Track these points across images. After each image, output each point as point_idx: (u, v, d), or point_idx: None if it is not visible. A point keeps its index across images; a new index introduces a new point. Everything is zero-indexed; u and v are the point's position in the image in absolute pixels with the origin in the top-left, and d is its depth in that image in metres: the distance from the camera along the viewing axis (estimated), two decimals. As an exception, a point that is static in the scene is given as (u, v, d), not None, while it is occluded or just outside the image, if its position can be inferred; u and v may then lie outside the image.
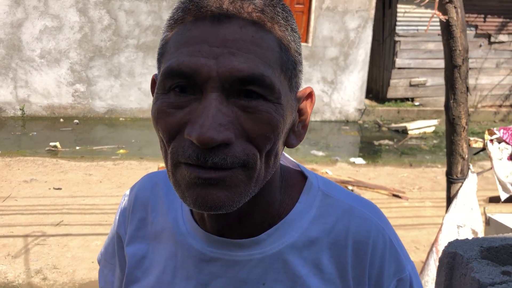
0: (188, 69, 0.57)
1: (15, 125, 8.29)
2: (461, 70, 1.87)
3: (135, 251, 0.78)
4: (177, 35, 0.60)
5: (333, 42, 9.26)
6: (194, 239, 0.71)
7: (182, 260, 0.72)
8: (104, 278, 0.89)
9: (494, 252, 0.81)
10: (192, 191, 0.59)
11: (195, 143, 0.56)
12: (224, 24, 0.57)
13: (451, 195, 2.07)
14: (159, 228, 0.76)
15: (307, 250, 0.69)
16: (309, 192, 0.72)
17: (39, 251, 3.98)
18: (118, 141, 7.64)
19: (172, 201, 0.77)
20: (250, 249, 0.68)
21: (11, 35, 8.23)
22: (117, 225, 0.83)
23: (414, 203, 5.53)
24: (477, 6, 10.00)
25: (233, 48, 0.57)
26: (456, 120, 1.95)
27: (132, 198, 0.82)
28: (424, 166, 7.17)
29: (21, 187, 5.39)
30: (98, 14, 8.41)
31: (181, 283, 0.71)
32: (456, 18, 1.83)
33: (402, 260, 0.72)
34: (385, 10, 10.22)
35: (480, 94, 10.66)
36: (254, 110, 0.58)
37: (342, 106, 9.71)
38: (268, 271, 0.68)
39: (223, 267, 0.69)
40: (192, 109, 0.58)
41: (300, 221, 0.70)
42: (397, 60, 10.04)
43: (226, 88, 0.57)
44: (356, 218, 0.71)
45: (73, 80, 8.64)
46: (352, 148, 8.55)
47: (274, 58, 0.59)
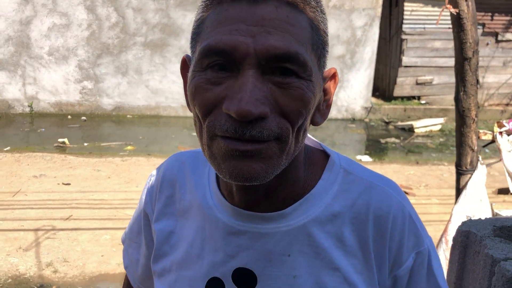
0: (227, 46, 0.59)
1: (24, 121, 8.36)
2: (471, 63, 1.88)
3: (163, 227, 0.81)
4: (214, 14, 0.63)
5: (340, 40, 9.27)
6: (221, 213, 0.74)
7: (210, 233, 0.75)
8: (129, 257, 0.92)
9: (506, 231, 0.83)
10: (229, 163, 0.62)
11: (234, 116, 0.59)
12: (260, 4, 0.60)
13: (460, 187, 2.09)
14: (187, 204, 0.80)
15: (330, 224, 0.72)
16: (332, 169, 0.75)
17: (49, 244, 4.02)
18: (125, 138, 7.69)
19: (200, 177, 0.80)
20: (276, 222, 0.71)
21: (20, 33, 8.30)
22: (144, 204, 0.86)
23: (420, 200, 5.53)
24: (484, 5, 9.97)
25: (269, 27, 0.60)
26: (466, 112, 1.97)
27: (160, 177, 0.85)
28: (430, 164, 7.17)
29: (30, 182, 5.45)
30: (106, 12, 8.46)
31: (209, 255, 0.75)
32: (466, 11, 1.85)
33: (421, 235, 0.75)
34: (392, 8, 10.21)
35: (487, 92, 10.63)
36: (288, 86, 0.61)
37: (348, 104, 9.72)
38: (293, 243, 0.71)
39: (250, 240, 0.72)
40: (229, 85, 0.61)
41: (323, 197, 0.73)
42: (404, 58, 10.03)
43: (262, 65, 0.60)
44: (376, 194, 0.74)
45: (80, 77, 8.70)
46: (358, 146, 8.56)
47: (307, 38, 0.62)
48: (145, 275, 0.90)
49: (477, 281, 0.83)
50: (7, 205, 4.76)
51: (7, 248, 3.90)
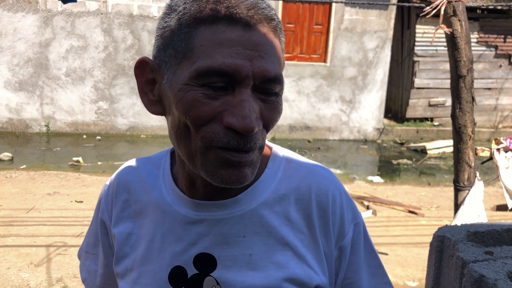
0: (229, 69, 0.66)
1: (40, 140, 8.54)
2: (466, 80, 1.92)
3: (122, 230, 0.86)
4: (209, 34, 0.67)
5: (352, 62, 9.34)
6: (179, 207, 0.81)
7: (169, 226, 0.81)
8: (86, 269, 0.97)
9: (480, 236, 0.86)
10: (225, 171, 0.70)
11: (239, 131, 0.67)
12: (253, 30, 0.68)
13: (458, 202, 2.10)
14: (143, 205, 0.86)
15: (278, 205, 0.81)
16: (275, 159, 0.85)
17: (60, 260, 4.08)
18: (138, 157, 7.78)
19: (155, 179, 0.86)
20: (230, 208, 0.79)
21: (39, 54, 8.55)
22: (100, 212, 0.92)
23: (431, 221, 5.49)
24: (497, 27, 9.99)
25: (262, 51, 0.68)
26: (462, 129, 2.00)
27: (115, 184, 0.90)
28: (442, 185, 7.12)
29: (44, 200, 5.55)
30: (122, 34, 8.68)
31: (170, 247, 0.81)
32: (460, 31, 1.90)
33: (356, 208, 0.87)
34: (404, 30, 10.29)
35: (501, 114, 10.57)
36: (270, 102, 0.71)
37: (360, 125, 9.73)
38: (247, 225, 0.79)
39: (208, 227, 0.79)
40: (226, 100, 0.68)
41: (270, 182, 0.82)
42: (416, 80, 10.06)
43: (255, 85, 0.68)
44: (316, 177, 0.84)
45: (96, 97, 8.89)
46: (370, 167, 8.54)
47: (281, 60, 0.73)
48: (104, 284, 0.95)
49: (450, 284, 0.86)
50: (21, 221, 4.86)
51: (19, 264, 3.97)
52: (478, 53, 10.01)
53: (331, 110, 9.54)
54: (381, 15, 9.19)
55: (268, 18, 0.70)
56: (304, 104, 9.41)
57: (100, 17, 8.55)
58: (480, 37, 10.00)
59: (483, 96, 10.40)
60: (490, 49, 10.13)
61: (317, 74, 9.33)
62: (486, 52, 10.13)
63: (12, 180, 6.24)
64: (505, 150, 2.13)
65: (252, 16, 0.68)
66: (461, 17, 1.90)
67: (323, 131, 9.64)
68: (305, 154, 8.59)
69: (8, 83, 8.60)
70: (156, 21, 8.62)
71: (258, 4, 0.69)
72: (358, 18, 9.17)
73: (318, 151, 8.93)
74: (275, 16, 0.71)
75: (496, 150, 2.14)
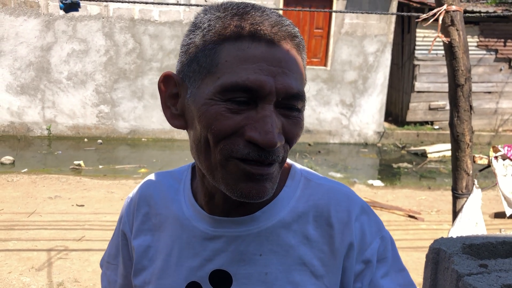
0: (254, 85, 0.67)
1: (42, 144, 8.57)
2: (464, 89, 1.94)
3: (141, 243, 0.88)
4: (234, 50, 0.68)
5: (352, 66, 9.37)
6: (198, 222, 0.82)
7: (187, 241, 0.82)
8: (107, 279, 0.98)
9: (475, 249, 0.88)
10: (245, 184, 0.70)
11: (262, 146, 0.67)
12: (276, 46, 0.69)
13: (456, 210, 2.11)
14: (163, 218, 0.87)
15: (296, 224, 0.80)
16: (294, 177, 0.85)
17: (61, 264, 4.10)
18: (140, 160, 7.82)
19: (176, 193, 0.87)
20: (247, 225, 0.79)
21: (41, 58, 8.59)
22: (121, 224, 0.93)
23: (432, 226, 5.50)
24: (497, 31, 10.02)
25: (285, 68, 0.69)
26: (460, 137, 2.02)
27: (137, 197, 0.92)
28: (443, 189, 7.13)
29: (45, 203, 5.57)
30: (123, 38, 8.72)
31: (187, 261, 0.82)
32: (458, 40, 1.91)
33: (381, 223, 0.84)
34: (404, 34, 10.31)
35: (501, 118, 10.58)
36: (292, 118, 0.72)
37: (361, 128, 9.75)
38: (263, 244, 0.79)
39: (225, 243, 0.79)
40: (249, 115, 0.69)
41: (288, 201, 0.81)
42: (416, 84, 10.07)
43: (278, 101, 0.69)
44: (335, 194, 0.83)
45: (97, 101, 8.92)
46: (370, 171, 8.55)
47: (304, 76, 0.74)
48: None
49: (446, 296, 0.88)
50: (22, 225, 4.88)
51: (20, 268, 3.98)
52: (478, 57, 10.03)
53: (332, 113, 9.56)
54: (382, 19, 9.22)
55: (292, 35, 0.71)
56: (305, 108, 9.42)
57: (101, 21, 8.58)
58: (480, 41, 10.02)
59: (483, 99, 10.42)
60: (490, 53, 10.15)
61: (317, 77, 9.35)
62: (486, 56, 10.14)
63: (13, 183, 6.27)
64: (503, 157, 2.14)
65: (276, 33, 0.69)
66: (459, 27, 1.92)
67: (324, 135, 9.66)
68: (305, 158, 8.61)
69: (9, 87, 8.63)
70: (157, 25, 8.68)
71: (282, 22, 0.71)
72: (359, 22, 9.20)
73: (319, 155, 8.94)
74: (298, 34, 0.73)
75: (494, 158, 2.16)
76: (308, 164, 8.14)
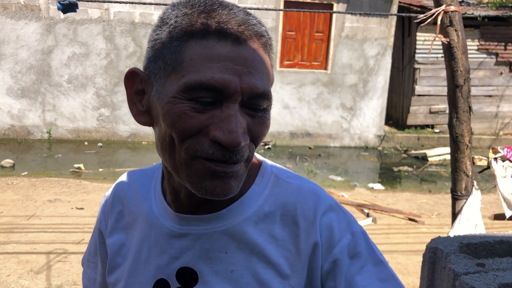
0: (218, 84, 0.66)
1: (42, 147, 8.57)
2: (462, 90, 1.93)
3: (115, 240, 0.88)
4: (199, 48, 0.68)
5: (352, 69, 9.37)
6: (165, 220, 0.82)
7: (155, 239, 0.83)
8: (87, 277, 0.99)
9: (473, 248, 0.87)
10: (210, 182, 0.70)
11: (225, 145, 0.67)
12: (243, 45, 0.68)
13: (456, 211, 2.10)
14: (135, 216, 0.87)
15: (262, 222, 0.80)
16: (264, 175, 0.84)
17: (60, 267, 4.09)
18: (140, 164, 7.81)
19: (147, 191, 0.88)
20: (213, 223, 0.79)
21: (41, 61, 8.60)
22: (98, 222, 0.94)
23: (432, 229, 5.48)
24: (498, 35, 10.02)
25: (251, 67, 0.68)
26: (460, 138, 2.01)
27: (111, 195, 0.93)
28: (443, 192, 7.11)
29: (45, 206, 5.56)
30: (124, 42, 8.73)
31: (155, 259, 0.82)
32: (457, 40, 1.91)
33: (352, 219, 0.82)
34: (405, 38, 10.32)
35: (502, 121, 10.57)
36: (257, 117, 0.72)
37: (361, 132, 9.74)
38: (229, 241, 0.79)
39: (191, 241, 0.79)
40: (214, 114, 0.68)
41: (256, 199, 0.81)
42: (417, 87, 10.08)
43: (243, 100, 0.69)
44: (303, 192, 0.82)
45: (98, 104, 8.92)
46: (371, 174, 8.54)
47: (270, 76, 0.74)
48: None
49: (443, 295, 0.87)
50: (22, 228, 4.87)
51: (19, 271, 3.97)
52: (479, 61, 10.03)
53: (332, 117, 9.56)
54: (382, 22, 9.23)
55: (258, 34, 0.71)
56: (305, 111, 9.43)
57: (102, 25, 8.60)
58: (481, 44, 10.02)
59: (484, 103, 10.41)
60: (490, 57, 10.15)
61: (318, 81, 9.35)
62: (486, 59, 10.15)
63: (13, 186, 6.26)
64: (503, 159, 2.13)
65: (242, 31, 0.68)
66: (458, 27, 1.91)
67: (324, 138, 9.65)
68: (306, 161, 8.60)
69: (10, 90, 8.64)
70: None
71: (249, 20, 0.70)
72: (359, 26, 9.21)
73: (319, 158, 8.93)
74: (265, 33, 0.72)
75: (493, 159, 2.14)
76: (309, 167, 8.13)
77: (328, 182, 7.46)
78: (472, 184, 2.10)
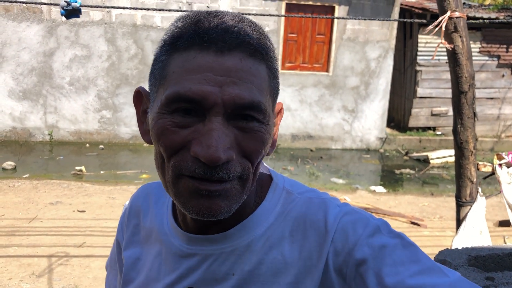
0: (196, 96, 0.63)
1: (43, 149, 8.57)
2: (467, 96, 1.92)
3: (131, 254, 0.88)
4: (181, 61, 0.66)
5: (354, 72, 9.36)
6: (174, 238, 0.80)
7: (165, 257, 0.82)
8: (108, 283, 0.99)
9: (481, 261, 0.86)
10: (196, 201, 0.66)
11: (204, 161, 0.63)
12: (227, 55, 0.65)
13: (460, 218, 2.09)
14: (149, 231, 0.86)
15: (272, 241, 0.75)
16: (275, 191, 0.80)
17: (62, 271, 4.08)
18: (141, 166, 7.80)
19: (161, 207, 0.86)
20: (221, 243, 0.76)
21: (43, 64, 8.60)
22: (117, 233, 0.94)
23: (434, 232, 5.47)
24: (499, 37, 10.01)
25: (235, 78, 0.64)
26: (464, 144, 2.00)
27: (128, 207, 0.92)
28: (445, 195, 7.09)
29: (46, 209, 5.56)
30: (125, 44, 8.73)
31: (165, 278, 0.81)
32: (461, 47, 1.90)
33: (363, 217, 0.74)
34: (406, 40, 10.31)
35: (503, 124, 10.55)
36: (250, 130, 0.67)
37: (363, 134, 9.73)
38: (237, 263, 0.75)
39: (198, 261, 0.77)
40: (196, 129, 0.65)
41: (266, 217, 0.77)
42: (419, 90, 10.06)
43: (227, 112, 0.64)
44: (312, 204, 0.77)
45: (99, 106, 8.92)
46: (373, 177, 8.52)
47: (266, 86, 0.69)
48: None
49: (451, 309, 0.86)
50: (23, 231, 4.86)
51: (21, 274, 3.97)
52: (481, 63, 10.02)
53: (334, 119, 9.55)
54: (383, 25, 9.22)
55: (246, 43, 0.66)
56: (307, 113, 9.42)
57: (103, 27, 8.60)
58: (483, 46, 10.01)
59: (486, 105, 10.39)
60: (492, 59, 10.14)
61: (319, 83, 9.35)
62: (488, 61, 10.13)
63: (15, 189, 6.26)
64: (507, 165, 2.12)
65: (225, 40, 0.65)
66: (462, 33, 1.90)
67: (326, 140, 9.64)
68: (307, 164, 8.58)
69: (12, 92, 8.64)
70: (159, 31, 8.69)
71: (237, 29, 0.66)
72: (361, 28, 9.20)
73: (321, 160, 8.92)
74: (254, 41, 0.67)
75: (498, 166, 2.13)
76: (310, 170, 8.12)
77: (329, 184, 7.45)
78: (477, 191, 2.09)
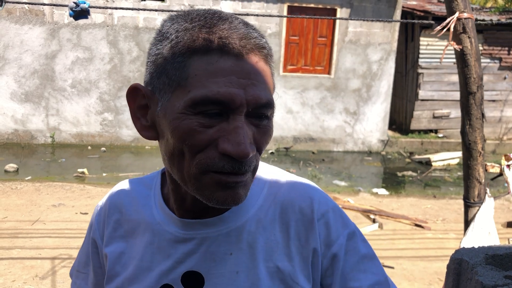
0: (224, 98, 0.68)
1: (45, 152, 8.57)
2: (476, 97, 1.92)
3: (114, 249, 0.89)
4: (203, 64, 0.69)
5: (356, 74, 9.37)
6: (168, 225, 0.84)
7: (159, 245, 0.84)
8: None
9: (499, 260, 0.86)
10: (223, 193, 0.72)
11: (234, 157, 0.69)
12: (245, 59, 0.71)
13: (468, 219, 2.09)
14: (134, 224, 0.88)
15: (263, 222, 0.83)
16: (261, 175, 0.88)
17: (65, 273, 4.07)
18: (143, 168, 7.81)
19: (146, 199, 0.89)
20: (216, 226, 0.82)
21: (45, 66, 8.62)
22: (92, 232, 0.94)
23: (437, 235, 5.45)
24: (501, 39, 10.02)
25: (254, 79, 0.71)
26: (472, 145, 2.00)
27: (107, 204, 0.93)
28: (448, 197, 7.09)
29: (49, 211, 5.55)
30: (127, 46, 8.75)
31: (159, 265, 0.83)
32: (470, 48, 1.90)
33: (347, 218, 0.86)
34: (408, 43, 10.32)
35: (505, 126, 10.55)
36: (262, 126, 0.74)
37: (365, 137, 9.73)
38: (233, 243, 0.81)
39: (196, 245, 0.81)
40: (221, 128, 0.70)
41: (256, 199, 0.84)
42: (420, 92, 10.07)
43: (248, 111, 0.71)
44: (299, 190, 0.86)
45: (101, 109, 8.93)
46: (375, 179, 8.51)
47: (272, 85, 0.77)
48: None
49: (469, 308, 0.85)
50: (26, 233, 4.86)
51: (24, 276, 3.96)
52: (483, 65, 10.02)
53: (336, 121, 9.55)
54: (385, 27, 9.23)
55: (259, 47, 0.73)
56: (309, 116, 9.43)
57: (106, 29, 8.62)
58: (484, 49, 10.02)
59: (488, 108, 10.39)
60: (494, 61, 10.15)
61: (321, 86, 9.35)
62: (490, 64, 10.14)
63: (17, 191, 6.26)
64: (516, 166, 2.12)
65: (244, 46, 0.71)
66: (471, 34, 1.90)
67: (328, 143, 9.64)
68: (309, 166, 8.58)
69: (14, 95, 8.65)
70: (162, 33, 8.70)
71: (250, 34, 0.72)
72: (362, 31, 9.22)
73: (323, 163, 8.92)
74: (265, 45, 0.75)
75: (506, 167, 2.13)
76: (312, 172, 8.11)
77: (332, 187, 7.44)
78: (485, 191, 2.09)
